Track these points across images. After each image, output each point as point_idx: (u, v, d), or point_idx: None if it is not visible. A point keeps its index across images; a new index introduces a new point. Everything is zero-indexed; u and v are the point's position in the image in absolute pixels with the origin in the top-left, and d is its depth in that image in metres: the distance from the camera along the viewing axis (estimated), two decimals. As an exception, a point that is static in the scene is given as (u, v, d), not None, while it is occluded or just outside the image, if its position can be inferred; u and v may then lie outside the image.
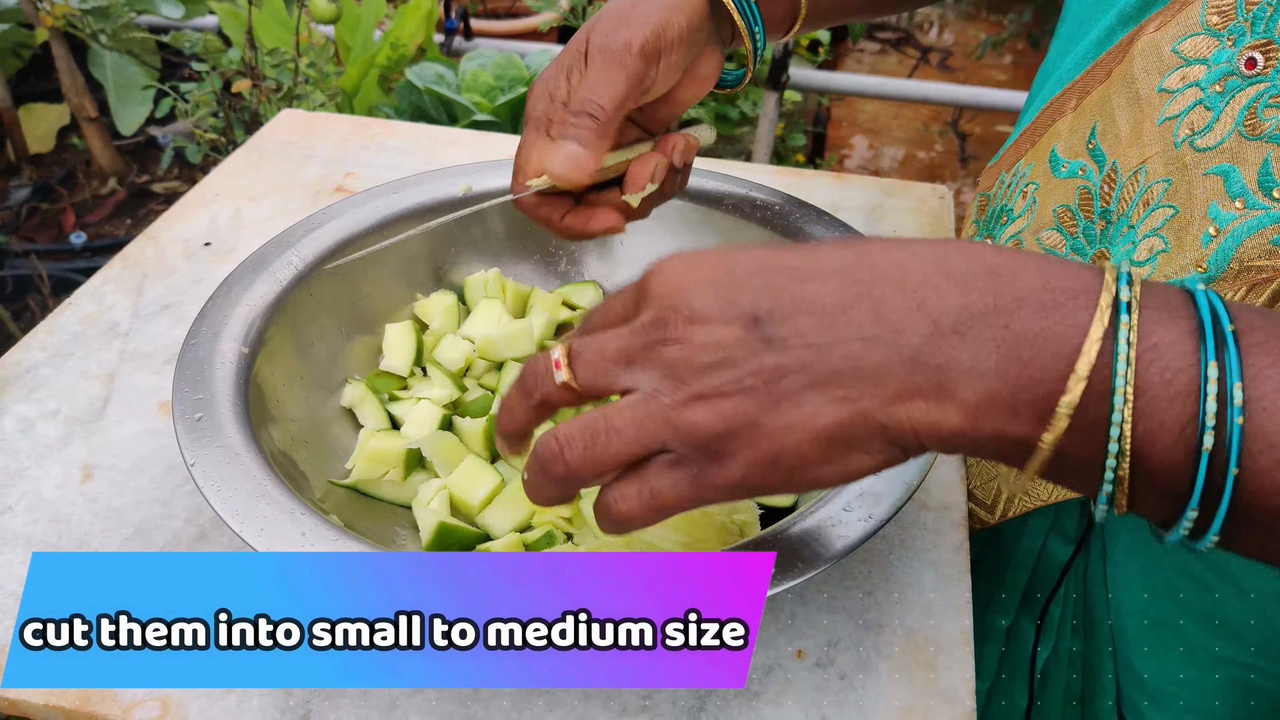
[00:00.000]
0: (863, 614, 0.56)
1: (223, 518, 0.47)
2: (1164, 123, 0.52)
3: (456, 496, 0.59)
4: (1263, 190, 0.49)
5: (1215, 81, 0.50)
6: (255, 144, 0.97)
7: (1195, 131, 0.51)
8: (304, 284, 0.63)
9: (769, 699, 0.52)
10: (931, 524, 0.61)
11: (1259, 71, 0.49)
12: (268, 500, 0.48)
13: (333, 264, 0.63)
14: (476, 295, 0.71)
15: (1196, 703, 0.60)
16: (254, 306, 0.60)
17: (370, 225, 0.68)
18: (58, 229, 2.17)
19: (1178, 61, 0.52)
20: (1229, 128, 0.50)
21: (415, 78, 1.92)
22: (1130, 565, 0.60)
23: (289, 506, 0.48)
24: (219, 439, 0.51)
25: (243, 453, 0.51)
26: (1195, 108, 0.51)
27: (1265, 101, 0.48)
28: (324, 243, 0.65)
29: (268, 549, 0.46)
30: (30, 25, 2.32)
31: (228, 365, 0.56)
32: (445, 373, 0.66)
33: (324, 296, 0.65)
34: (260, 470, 0.50)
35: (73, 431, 0.66)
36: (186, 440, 0.51)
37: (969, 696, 0.52)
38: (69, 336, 0.73)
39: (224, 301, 0.60)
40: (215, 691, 0.51)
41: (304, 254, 0.64)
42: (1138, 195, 0.54)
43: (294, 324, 0.62)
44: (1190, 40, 0.51)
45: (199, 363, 0.56)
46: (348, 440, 0.64)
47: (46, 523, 0.60)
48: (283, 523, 0.47)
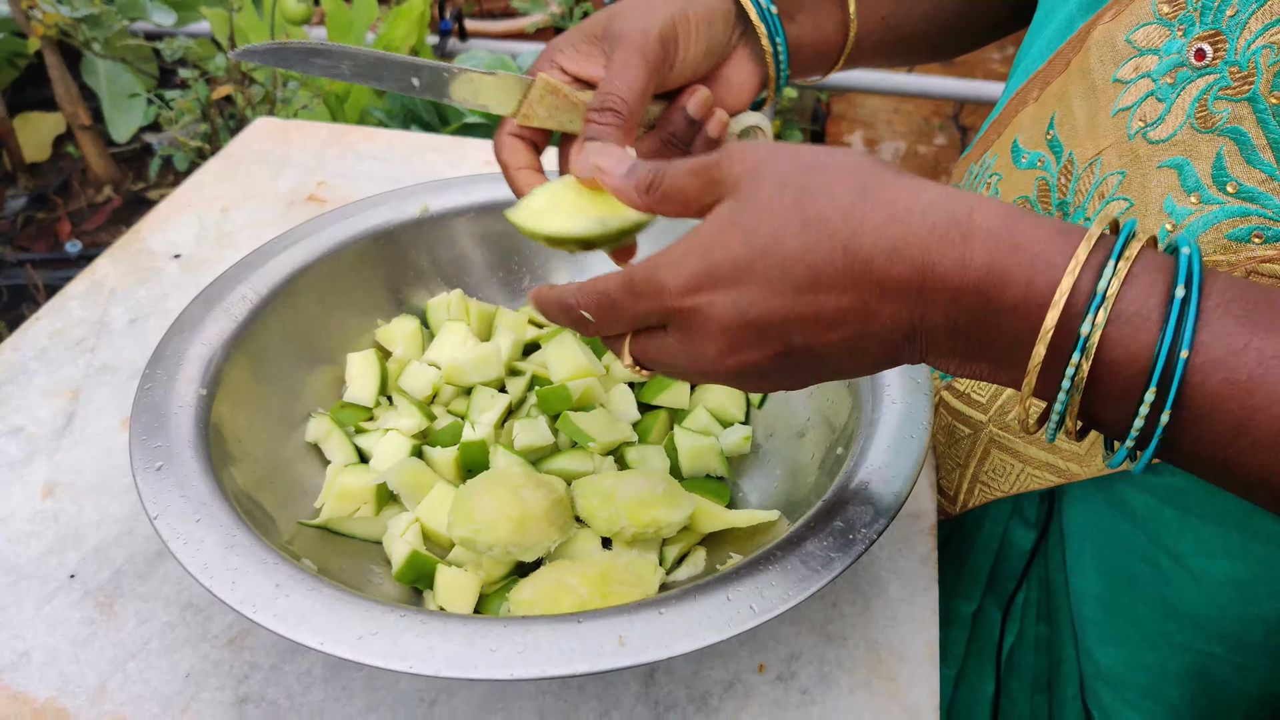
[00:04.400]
0: (826, 625, 0.55)
1: (193, 575, 0.45)
2: (1118, 114, 0.52)
3: (428, 527, 0.57)
4: (1216, 184, 0.48)
5: (1166, 73, 0.49)
6: (230, 152, 0.96)
7: (1148, 123, 0.50)
8: (260, 318, 0.61)
9: (728, 714, 0.51)
10: (900, 532, 0.60)
11: (1208, 63, 0.48)
12: (237, 551, 0.46)
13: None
14: (440, 319, 0.69)
15: (1156, 689, 0.59)
16: (210, 345, 0.58)
17: (324, 252, 0.66)
18: (53, 238, 2.17)
19: (1131, 51, 0.51)
20: (1180, 120, 0.49)
21: (406, 81, 1.91)
22: (1085, 551, 0.60)
23: (260, 556, 0.46)
24: (182, 489, 0.49)
25: (208, 501, 0.49)
26: (1148, 99, 0.50)
27: (1215, 94, 0.47)
28: (279, 274, 0.63)
29: (239, 604, 0.44)
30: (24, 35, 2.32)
31: (186, 409, 0.54)
32: (412, 401, 0.64)
33: (282, 329, 0.63)
34: (227, 518, 0.48)
35: (36, 449, 0.65)
36: (149, 493, 0.49)
37: (933, 712, 0.51)
38: (34, 352, 0.72)
39: (178, 341, 0.58)
40: (168, 712, 0.51)
41: (258, 287, 0.62)
42: (1093, 187, 0.53)
43: (252, 359, 0.60)
44: (1143, 30, 0.50)
45: (155, 407, 0.54)
46: (314, 477, 0.61)
47: (4, 542, 0.59)
48: (254, 575, 0.45)
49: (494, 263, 0.72)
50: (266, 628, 0.43)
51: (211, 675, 0.53)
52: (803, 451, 0.60)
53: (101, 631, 0.55)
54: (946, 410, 0.65)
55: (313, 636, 0.42)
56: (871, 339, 0.39)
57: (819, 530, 0.47)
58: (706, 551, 0.57)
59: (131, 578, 0.58)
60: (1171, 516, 0.54)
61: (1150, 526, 0.56)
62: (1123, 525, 0.57)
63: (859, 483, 0.50)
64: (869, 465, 0.50)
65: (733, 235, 0.38)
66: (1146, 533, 0.56)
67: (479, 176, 0.72)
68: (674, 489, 0.56)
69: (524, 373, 0.66)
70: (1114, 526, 0.58)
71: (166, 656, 0.54)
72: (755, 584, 0.44)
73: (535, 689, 0.52)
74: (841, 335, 0.39)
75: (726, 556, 0.55)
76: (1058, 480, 0.58)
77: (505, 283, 0.73)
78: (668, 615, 0.43)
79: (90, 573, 0.58)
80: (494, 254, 0.72)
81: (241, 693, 0.52)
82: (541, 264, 0.73)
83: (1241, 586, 0.54)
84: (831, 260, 0.37)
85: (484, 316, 0.69)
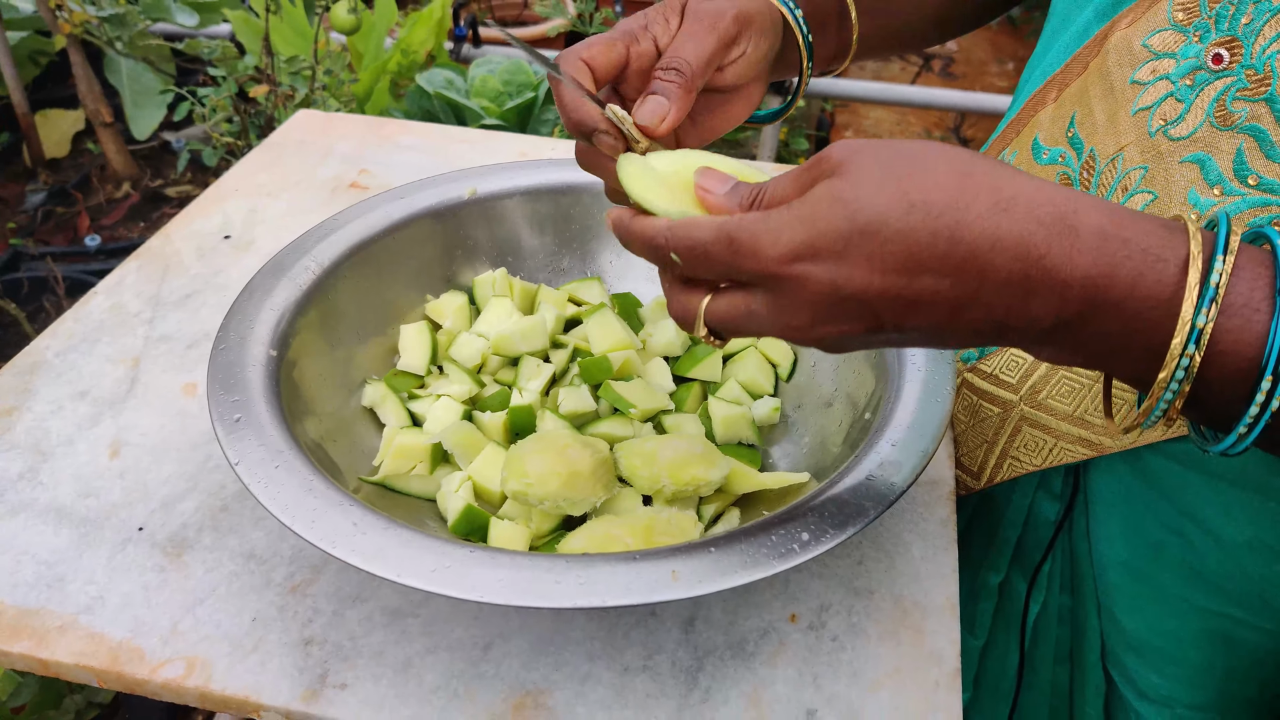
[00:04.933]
0: (853, 581, 0.58)
1: (274, 514, 0.49)
2: (1138, 113, 0.55)
3: (479, 484, 0.61)
4: (1238, 178, 0.51)
5: (1184, 75, 0.53)
6: (272, 142, 1.00)
7: (1168, 122, 0.54)
8: (321, 288, 0.65)
9: (764, 660, 0.54)
10: (921, 498, 0.64)
11: (1225, 66, 0.51)
12: (315, 494, 0.50)
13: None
14: (485, 294, 0.73)
15: (1178, 653, 0.63)
16: (277, 310, 0.62)
17: (382, 229, 0.69)
18: (73, 232, 2.21)
19: (1148, 55, 0.55)
20: (1200, 119, 0.53)
21: (425, 83, 1.95)
22: (1111, 520, 0.63)
23: (336, 499, 0.50)
24: (259, 437, 0.53)
25: (284, 449, 0.52)
26: (1167, 99, 0.54)
27: (1233, 95, 0.51)
28: (339, 247, 0.67)
29: (319, 540, 0.47)
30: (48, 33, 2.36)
31: (258, 367, 0.58)
32: (463, 369, 0.68)
33: (340, 299, 0.67)
34: (303, 465, 0.52)
35: (101, 412, 0.69)
36: (228, 441, 0.52)
37: (954, 658, 0.54)
38: (94, 325, 0.76)
39: (247, 305, 0.62)
40: (238, 652, 0.54)
41: (320, 259, 0.66)
42: (1116, 180, 0.57)
43: (317, 326, 0.64)
44: (1159, 35, 0.54)
45: (229, 366, 0.57)
46: (370, 438, 0.65)
47: (76, 496, 0.63)
48: (333, 515, 0.49)
49: (537, 244, 0.76)
50: (347, 562, 0.46)
51: (276, 620, 0.56)
52: (830, 420, 0.63)
53: (171, 579, 0.58)
54: (971, 390, 0.68)
55: (390, 569, 0.46)
56: (963, 325, 0.39)
57: (854, 482, 0.50)
58: (740, 512, 0.61)
59: (197, 530, 0.61)
60: (1196, 482, 0.57)
61: (1175, 493, 0.59)
62: (1148, 493, 0.60)
63: (887, 441, 0.53)
64: (896, 425, 0.54)
65: (837, 210, 0.39)
66: (1171, 499, 0.59)
67: (525, 163, 0.76)
68: (711, 451, 0.59)
69: (566, 345, 0.69)
70: (1140, 494, 0.61)
71: (233, 602, 0.57)
72: (797, 527, 0.48)
73: (583, 634, 0.56)
74: (932, 319, 0.39)
75: (760, 515, 0.59)
76: (1090, 453, 0.61)
77: (546, 262, 0.77)
78: (717, 554, 0.47)
79: (158, 525, 0.61)
80: (537, 236, 0.76)
81: (306, 635, 0.55)
82: (580, 245, 0.77)
83: (1262, 549, 0.57)
84: (934, 245, 0.37)
85: (527, 294, 0.73)
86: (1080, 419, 0.61)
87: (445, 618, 0.56)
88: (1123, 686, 0.68)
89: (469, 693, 0.53)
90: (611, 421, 0.64)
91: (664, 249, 0.43)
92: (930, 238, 0.37)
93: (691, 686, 0.53)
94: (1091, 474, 0.64)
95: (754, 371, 0.68)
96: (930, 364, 0.58)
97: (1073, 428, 0.61)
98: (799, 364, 0.69)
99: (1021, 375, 0.64)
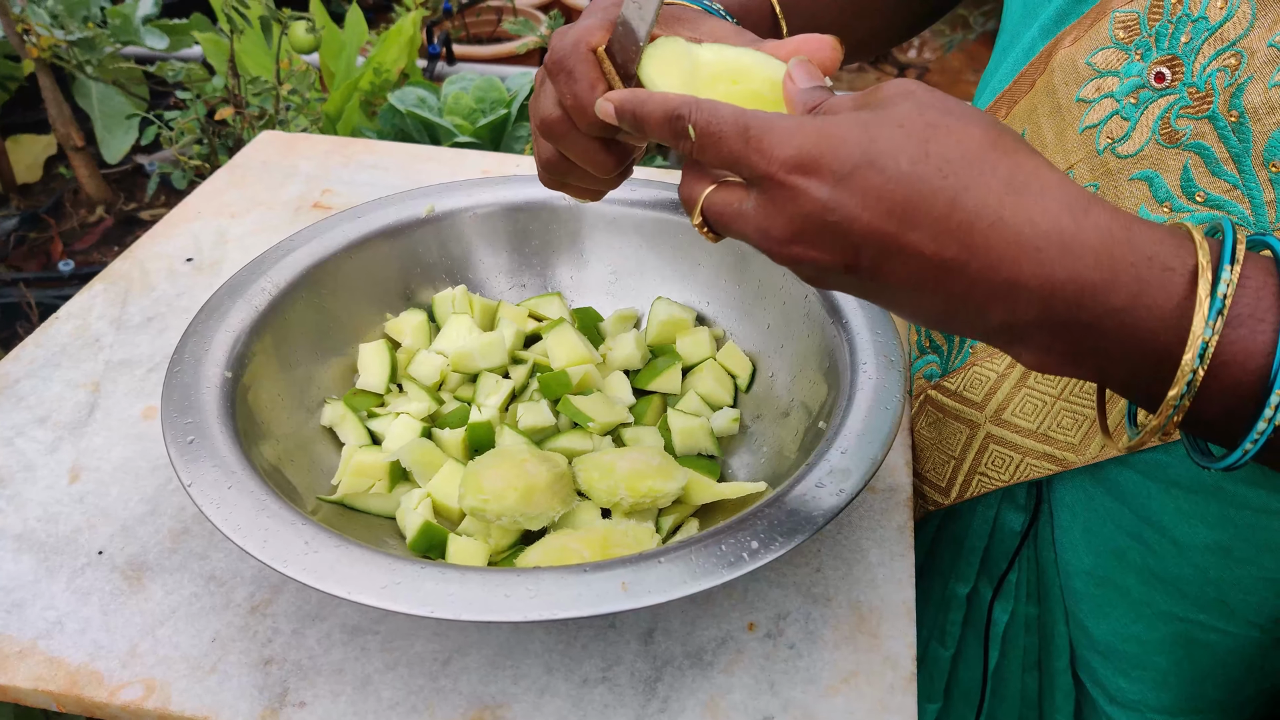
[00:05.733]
0: (811, 588, 0.59)
1: (227, 535, 0.49)
2: (1085, 131, 0.56)
3: (438, 501, 0.61)
4: (1186, 194, 0.52)
5: (1129, 93, 0.54)
6: (237, 163, 1.00)
7: (1115, 140, 0.55)
8: (277, 309, 0.65)
9: (721, 668, 0.55)
10: (878, 505, 0.64)
11: (1168, 85, 0.52)
12: (268, 514, 0.50)
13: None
14: (445, 312, 0.73)
15: (1144, 657, 0.63)
16: (234, 331, 0.62)
17: (339, 248, 0.70)
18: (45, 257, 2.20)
19: (1091, 73, 0.55)
20: (1146, 136, 0.53)
21: (398, 102, 1.96)
22: (1074, 527, 0.64)
23: (289, 519, 0.50)
24: (213, 459, 0.53)
25: (238, 470, 0.53)
26: (1113, 117, 0.55)
27: (1177, 112, 0.52)
28: (295, 268, 0.67)
29: (271, 560, 0.47)
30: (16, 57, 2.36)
31: (213, 388, 0.58)
32: (422, 387, 0.68)
33: (299, 319, 0.67)
34: (257, 486, 0.52)
35: (60, 437, 0.69)
36: (181, 463, 0.53)
37: (910, 661, 0.55)
38: (56, 349, 0.76)
39: (203, 327, 0.62)
40: (197, 672, 0.54)
41: (277, 280, 0.66)
42: None
43: (273, 346, 0.64)
44: (1101, 53, 0.55)
45: (185, 387, 0.57)
46: (330, 458, 0.65)
47: (35, 522, 0.63)
48: (285, 534, 0.49)
49: (495, 261, 0.76)
50: (298, 580, 0.47)
51: (236, 640, 0.56)
52: (787, 430, 0.64)
53: (130, 602, 0.58)
54: (935, 407, 0.69)
55: (341, 587, 0.46)
56: (940, 294, 0.38)
57: (804, 490, 0.51)
58: (699, 523, 0.62)
59: (157, 553, 0.61)
60: (1155, 490, 0.58)
61: (1135, 501, 0.59)
62: (1109, 502, 0.61)
63: (837, 449, 0.54)
64: (846, 433, 0.55)
65: (853, 134, 0.38)
66: (1132, 507, 0.60)
67: (483, 180, 0.76)
68: (668, 462, 0.60)
69: (526, 361, 0.70)
70: (1102, 504, 0.62)
71: (193, 623, 0.57)
72: (746, 536, 0.48)
73: (541, 647, 0.56)
74: (910, 276, 0.38)
75: (718, 525, 0.59)
76: (1055, 469, 0.62)
77: (506, 278, 0.77)
78: (666, 564, 0.47)
79: (118, 549, 0.61)
80: (496, 252, 0.77)
81: (265, 654, 0.55)
82: (540, 261, 0.77)
83: (1220, 551, 0.58)
84: (934, 202, 0.36)
85: (487, 310, 0.73)
86: (1044, 435, 0.61)
87: (404, 634, 0.57)
88: (1093, 691, 0.69)
89: (428, 707, 0.53)
90: (571, 436, 0.65)
91: (684, 121, 0.42)
92: (932, 194, 0.36)
93: (650, 696, 0.54)
94: (1055, 485, 0.65)
95: (713, 384, 0.69)
96: (881, 372, 0.59)
97: (1037, 444, 0.62)
98: (758, 375, 0.70)
99: (986, 393, 0.65)
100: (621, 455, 0.60)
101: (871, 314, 0.62)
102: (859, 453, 0.53)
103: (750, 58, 0.47)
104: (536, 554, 0.55)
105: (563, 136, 0.51)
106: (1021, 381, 0.62)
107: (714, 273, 0.73)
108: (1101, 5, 0.55)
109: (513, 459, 0.58)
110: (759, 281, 0.70)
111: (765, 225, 0.40)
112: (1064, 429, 0.61)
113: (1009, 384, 0.63)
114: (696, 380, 0.70)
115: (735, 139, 0.40)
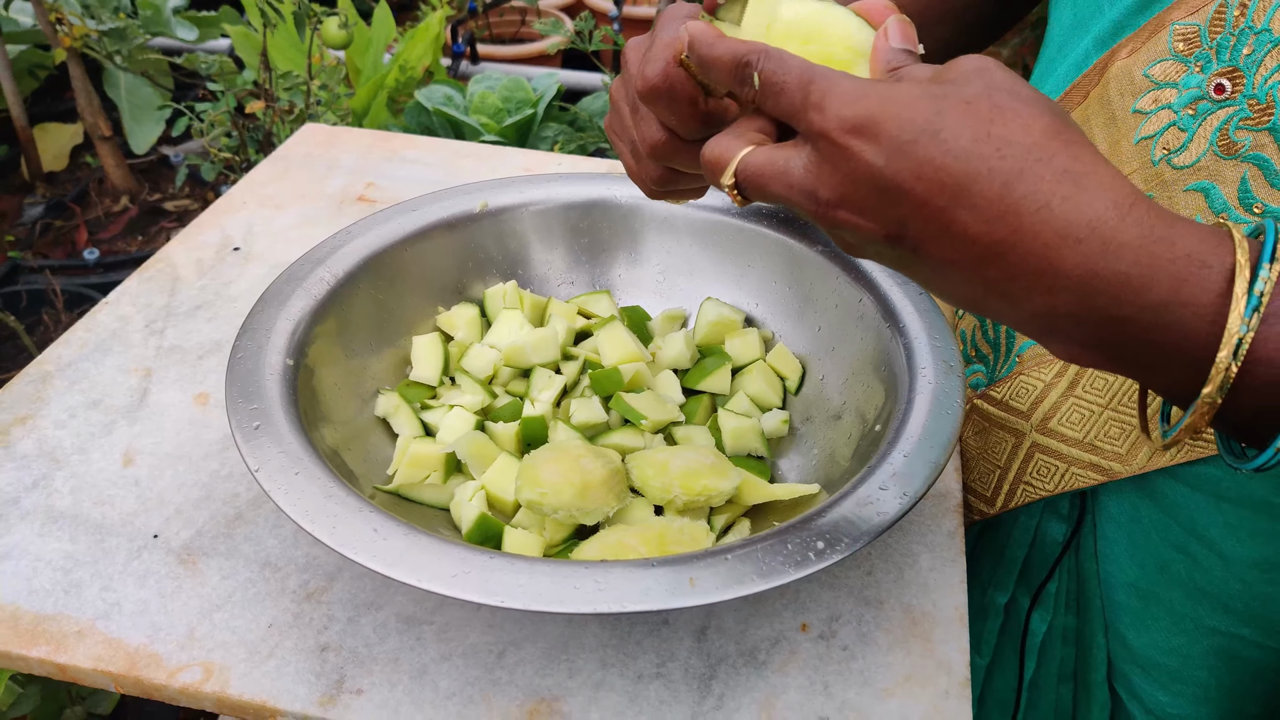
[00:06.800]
0: (863, 591, 0.59)
1: (295, 520, 0.49)
2: (1140, 142, 0.56)
3: (493, 494, 0.61)
4: (1243, 205, 0.52)
5: (1187, 105, 0.54)
6: (280, 155, 1.01)
7: (1171, 150, 0.55)
8: (336, 298, 0.65)
9: (775, 668, 0.55)
10: (929, 510, 0.64)
11: (1227, 96, 0.52)
12: (335, 500, 0.50)
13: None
14: (496, 307, 0.74)
15: (1184, 671, 0.63)
16: (293, 319, 0.62)
17: (395, 241, 0.70)
18: (71, 245, 2.20)
19: (1149, 85, 0.55)
20: (1203, 148, 0.53)
21: (424, 99, 1.96)
22: (1119, 539, 0.64)
23: (355, 505, 0.50)
24: (278, 445, 0.53)
25: (303, 456, 0.53)
26: (1170, 129, 0.55)
27: (1236, 124, 0.52)
28: (353, 258, 0.68)
29: (340, 546, 0.48)
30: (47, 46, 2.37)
31: (275, 375, 0.58)
32: (475, 380, 0.68)
33: (356, 310, 0.67)
34: (322, 472, 0.52)
35: (113, 421, 0.69)
36: (248, 448, 0.53)
37: (964, 667, 0.55)
38: (107, 334, 0.76)
39: (263, 315, 0.62)
40: (254, 657, 0.55)
41: (335, 269, 0.67)
42: None
43: (333, 335, 0.65)
44: (1160, 65, 0.55)
45: (248, 375, 0.58)
46: (384, 448, 0.66)
47: (90, 504, 0.63)
48: (353, 521, 0.49)
49: (547, 258, 0.77)
50: (369, 568, 0.47)
51: (292, 626, 0.57)
52: (839, 433, 0.64)
53: (186, 585, 0.59)
54: (981, 417, 0.69)
55: (412, 575, 0.46)
56: (980, 277, 0.38)
57: (867, 493, 0.51)
58: (751, 523, 0.62)
59: (211, 538, 0.61)
60: (1203, 503, 0.58)
61: (1183, 514, 0.59)
62: (1156, 514, 0.61)
63: (899, 453, 0.54)
64: (907, 437, 0.55)
65: (918, 104, 0.37)
66: (1179, 520, 0.60)
67: (535, 177, 0.77)
68: (722, 461, 0.60)
69: (577, 357, 0.70)
70: (1148, 516, 0.62)
71: (249, 609, 0.57)
72: (812, 536, 0.49)
73: (596, 642, 0.56)
74: (954, 255, 0.38)
75: (770, 526, 0.60)
76: (1101, 479, 0.62)
77: (557, 276, 0.77)
78: (733, 561, 0.47)
79: (173, 533, 0.62)
80: (547, 249, 0.77)
81: (321, 641, 0.56)
82: (590, 259, 0.78)
83: (1267, 567, 0.58)
84: (987, 184, 0.36)
85: (537, 306, 0.73)
86: (1091, 445, 0.62)
87: (459, 625, 0.57)
88: (1130, 704, 0.69)
89: (484, 699, 0.53)
90: (623, 433, 0.65)
91: (751, 67, 0.42)
92: (987, 173, 0.36)
93: (705, 694, 0.54)
94: (1099, 496, 0.65)
95: (763, 385, 0.69)
96: (940, 377, 0.59)
97: (1084, 453, 0.62)
98: (807, 377, 0.70)
99: (1032, 402, 0.65)
100: (675, 453, 0.60)
101: (929, 320, 0.62)
102: (920, 457, 0.53)
103: (834, 16, 0.46)
104: (594, 548, 0.55)
105: (674, 154, 0.51)
106: (1069, 391, 0.63)
107: (765, 275, 0.73)
108: (1160, 18, 0.56)
109: (569, 454, 0.59)
110: (811, 284, 0.71)
111: (813, 186, 0.40)
112: (1111, 439, 0.61)
113: (1056, 393, 0.63)
114: (746, 381, 0.70)
115: (797, 92, 0.40)
